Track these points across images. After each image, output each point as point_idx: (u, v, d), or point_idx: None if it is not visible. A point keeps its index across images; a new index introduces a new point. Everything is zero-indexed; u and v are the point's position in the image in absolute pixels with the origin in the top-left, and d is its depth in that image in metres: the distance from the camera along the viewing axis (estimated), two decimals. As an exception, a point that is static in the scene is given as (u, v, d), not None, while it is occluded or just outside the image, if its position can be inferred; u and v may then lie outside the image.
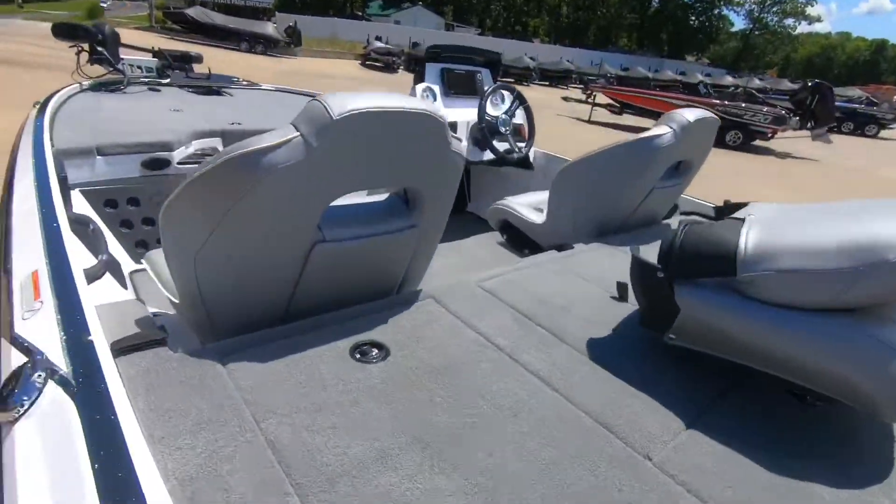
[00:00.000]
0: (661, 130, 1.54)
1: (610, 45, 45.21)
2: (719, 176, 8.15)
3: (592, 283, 1.27)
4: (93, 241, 1.22)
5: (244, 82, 4.02)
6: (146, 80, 3.40)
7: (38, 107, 2.09)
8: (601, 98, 13.77)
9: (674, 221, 1.92)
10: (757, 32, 52.32)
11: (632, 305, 1.16)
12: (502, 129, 2.39)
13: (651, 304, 0.97)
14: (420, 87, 2.32)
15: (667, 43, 48.72)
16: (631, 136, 1.58)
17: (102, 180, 1.79)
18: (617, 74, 23.25)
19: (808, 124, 11.03)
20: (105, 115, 2.22)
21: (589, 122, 13.39)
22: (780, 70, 52.83)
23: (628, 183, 1.60)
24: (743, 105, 11.17)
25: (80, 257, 0.93)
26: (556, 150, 2.70)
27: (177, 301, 1.01)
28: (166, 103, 2.75)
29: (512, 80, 18.18)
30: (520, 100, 2.45)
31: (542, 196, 2.34)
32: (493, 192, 3.04)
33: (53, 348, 0.67)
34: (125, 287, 1.48)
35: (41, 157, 1.32)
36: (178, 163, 2.01)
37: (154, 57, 3.64)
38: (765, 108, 10.99)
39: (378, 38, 21.86)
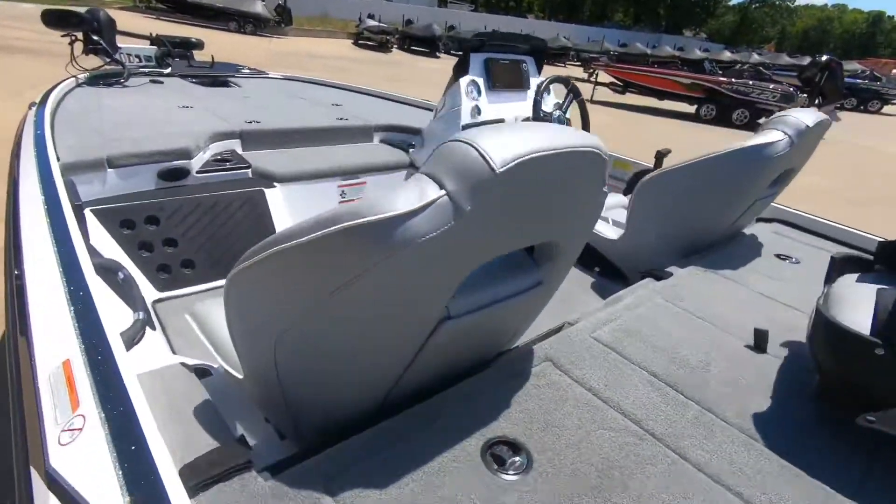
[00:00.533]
0: (772, 137, 1.33)
1: (606, 21, 44.37)
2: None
3: (714, 325, 1.09)
4: (126, 292, 1.02)
5: (247, 70, 3.75)
6: (147, 70, 3.13)
7: (34, 109, 1.86)
8: (603, 76, 13.45)
9: (759, 231, 1.73)
10: (756, 5, 51.52)
11: (773, 358, 0.99)
12: None
13: (844, 378, 0.79)
14: (464, 81, 2.10)
15: (664, 17, 47.88)
16: (734, 144, 1.37)
17: (116, 196, 1.58)
18: (616, 51, 22.81)
19: (816, 101, 10.83)
20: (110, 116, 1.99)
21: (591, 101, 13.09)
22: (777, 44, 52.22)
23: (728, 197, 1.40)
24: (751, 83, 10.93)
25: (113, 319, 0.73)
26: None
27: (240, 377, 0.82)
28: (173, 99, 2.51)
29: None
30: (574, 93, 2.23)
31: (611, 201, 2.16)
32: None
33: (107, 486, 0.48)
34: (153, 327, 1.28)
35: (50, 184, 1.11)
36: (198, 172, 1.79)
37: (152, 45, 3.36)
38: (772, 86, 10.76)
39: (371, 16, 21.20)
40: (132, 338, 0.86)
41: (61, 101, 2.17)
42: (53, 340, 0.68)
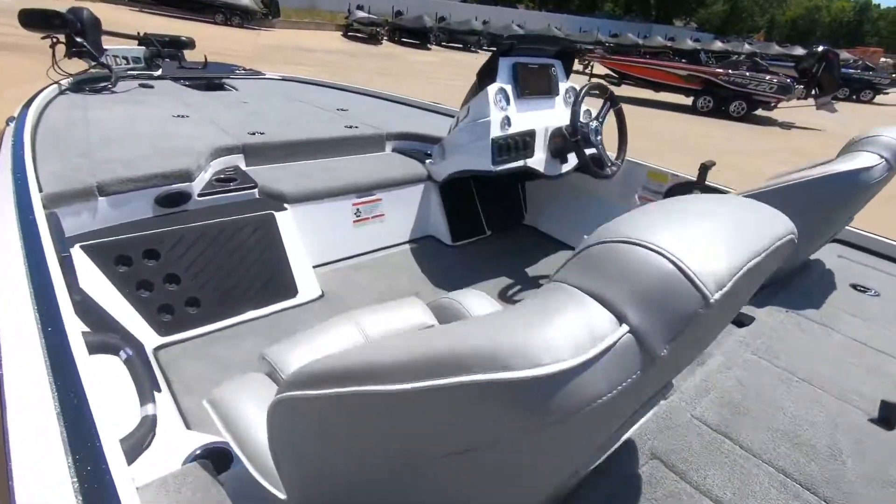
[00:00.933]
0: (867, 161, 1.17)
1: (595, 11, 44.08)
2: (734, 153, 7.88)
3: (826, 391, 0.95)
4: (133, 373, 0.85)
5: (242, 71, 3.55)
6: (135, 73, 2.92)
7: (13, 125, 1.66)
8: (598, 68, 13.29)
9: (822, 255, 1.59)
10: (748, -6, 51.50)
11: None
12: (593, 138, 2.02)
13: None
14: (493, 89, 1.93)
15: (654, 7, 47.69)
16: (817, 171, 1.21)
17: (109, 228, 1.40)
18: (609, 42, 22.63)
19: (813, 92, 10.75)
20: (98, 131, 1.80)
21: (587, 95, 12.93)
22: (766, 33, 52.28)
23: (812, 225, 1.25)
24: (748, 74, 10.82)
25: (111, 416, 0.57)
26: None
27: (282, 497, 0.65)
28: (167, 107, 2.31)
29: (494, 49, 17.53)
30: (612, 101, 2.07)
31: None
32: (552, 201, 2.68)
33: None
34: (158, 389, 1.11)
35: (32, 231, 0.93)
36: (200, 195, 1.61)
37: (140, 45, 3.14)
38: (768, 77, 10.66)
39: (360, 7, 20.81)
40: (138, 445, 0.69)
41: (43, 112, 1.97)
42: (34, 462, 0.51)
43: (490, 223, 2.60)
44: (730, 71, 11.09)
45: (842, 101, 15.85)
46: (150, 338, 1.35)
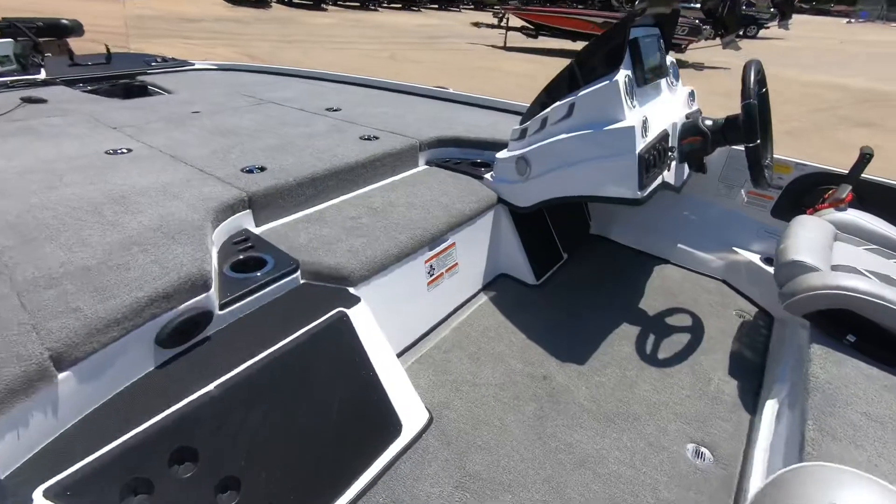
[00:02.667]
0: None
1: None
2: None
3: None
4: None
5: (160, 61, 2.68)
6: (9, 81, 2.02)
7: None
8: (514, 20, 12.84)
9: None
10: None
11: None
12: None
13: None
14: (622, 77, 1.42)
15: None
16: None
17: (83, 432, 0.75)
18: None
19: (720, 32, 11.09)
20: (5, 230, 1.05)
21: (505, 48, 12.50)
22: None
23: None
24: (661, 18, 10.91)
25: None
26: (485, 89, 1.98)
27: None
28: (87, 137, 1.55)
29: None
30: (761, 84, 1.61)
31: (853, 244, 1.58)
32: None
33: None
34: None
35: None
36: (222, 305, 0.98)
37: (6, 36, 2.19)
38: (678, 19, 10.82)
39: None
40: None
41: None
42: None
43: (564, 245, 2.15)
44: (644, 16, 11.09)
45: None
46: None
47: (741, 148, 1.87)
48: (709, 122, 1.65)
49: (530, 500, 1.12)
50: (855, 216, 1.72)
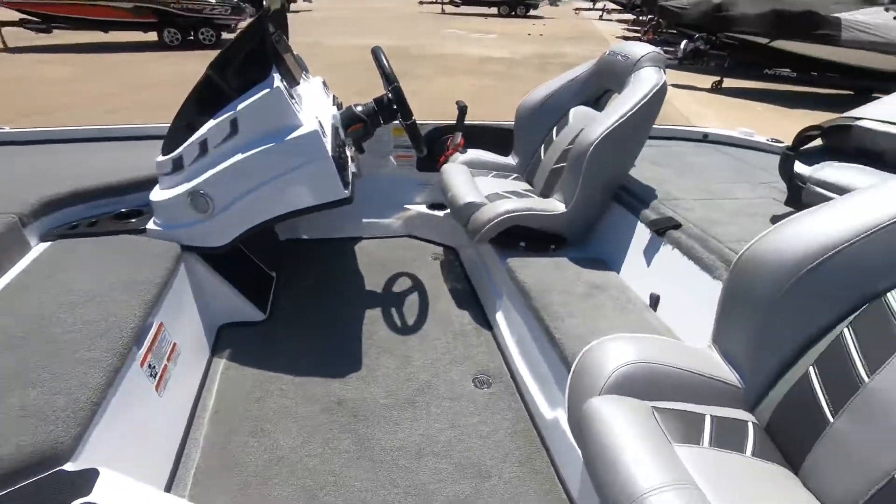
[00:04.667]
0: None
1: None
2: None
3: None
4: None
5: None
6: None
7: None
8: (5, 15, 9.85)
9: None
10: None
11: None
12: None
13: None
14: (279, 81, 1.37)
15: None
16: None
17: None
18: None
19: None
20: None
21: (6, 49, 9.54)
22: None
23: None
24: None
25: None
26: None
27: None
28: None
29: None
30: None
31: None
32: None
33: None
34: None
35: None
36: None
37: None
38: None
39: None
40: None
41: None
42: None
43: (266, 263, 1.99)
44: (181, -2, 10.29)
45: (503, 18, 17.77)
46: None
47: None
48: (360, 108, 1.79)
49: None
50: (472, 154, 2.24)
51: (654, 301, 1.53)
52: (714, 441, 0.92)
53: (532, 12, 18.04)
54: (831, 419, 0.86)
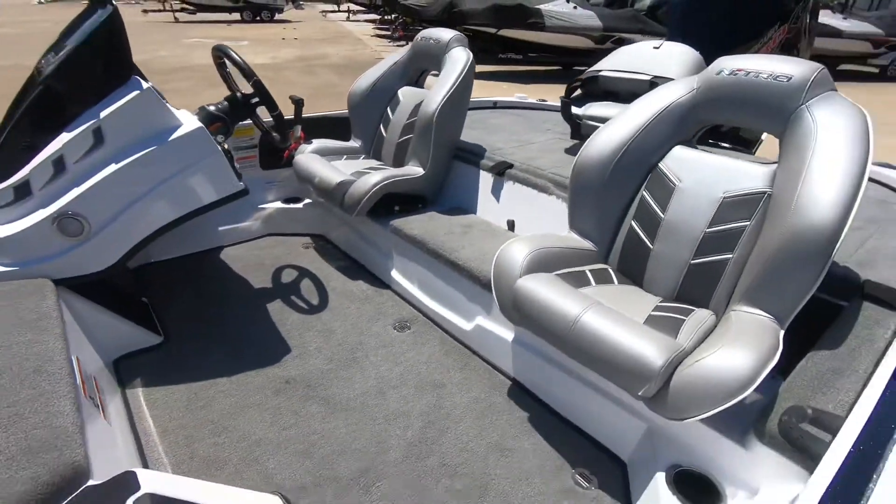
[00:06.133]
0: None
1: None
2: None
3: None
4: None
5: None
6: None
7: None
8: None
9: None
10: None
11: None
12: None
13: None
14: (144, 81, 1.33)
15: None
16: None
17: None
18: None
19: None
20: None
21: None
22: None
23: None
24: None
25: None
26: None
27: None
28: None
29: None
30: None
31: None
32: None
33: None
34: None
35: None
36: None
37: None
38: None
39: None
40: None
41: None
42: None
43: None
44: None
45: (248, 23, 16.08)
46: None
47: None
48: (214, 108, 1.80)
49: (392, 487, 1.29)
50: (319, 143, 2.41)
51: (511, 225, 2.00)
52: (595, 282, 1.38)
53: (278, 16, 17.78)
54: (651, 247, 1.39)
